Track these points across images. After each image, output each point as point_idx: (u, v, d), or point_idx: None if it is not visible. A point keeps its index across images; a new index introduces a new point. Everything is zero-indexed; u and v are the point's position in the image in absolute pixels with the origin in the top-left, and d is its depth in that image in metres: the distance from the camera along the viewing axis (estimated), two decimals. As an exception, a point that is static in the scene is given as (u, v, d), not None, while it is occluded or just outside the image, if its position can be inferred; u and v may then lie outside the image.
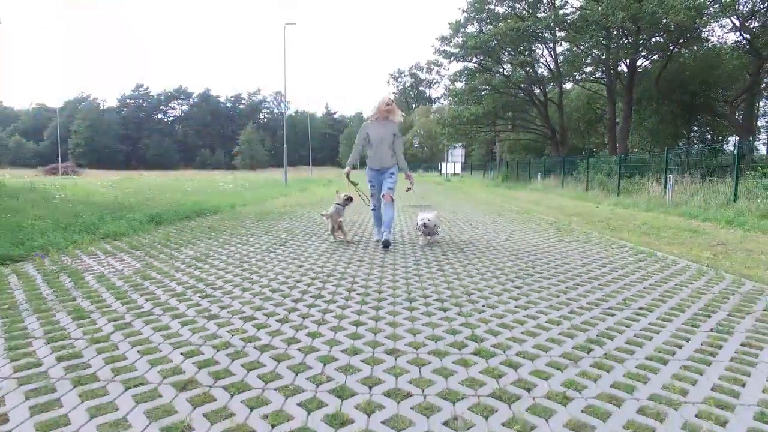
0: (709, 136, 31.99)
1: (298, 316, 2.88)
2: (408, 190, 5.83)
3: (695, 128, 31.75)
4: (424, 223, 5.26)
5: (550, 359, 2.27)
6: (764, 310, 3.08)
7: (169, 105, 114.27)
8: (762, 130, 42.32)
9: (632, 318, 2.91)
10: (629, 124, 26.31)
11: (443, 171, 40.79)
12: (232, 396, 1.86)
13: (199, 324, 2.70)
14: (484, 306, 3.12)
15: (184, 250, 4.98)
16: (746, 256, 5.10)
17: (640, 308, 3.11)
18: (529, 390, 1.95)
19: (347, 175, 5.74)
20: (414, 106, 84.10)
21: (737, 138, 12.53)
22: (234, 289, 3.44)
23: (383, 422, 1.68)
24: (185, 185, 16.09)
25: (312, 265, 4.32)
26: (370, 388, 1.94)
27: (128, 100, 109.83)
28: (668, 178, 11.76)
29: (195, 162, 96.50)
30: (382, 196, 5.45)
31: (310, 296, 3.31)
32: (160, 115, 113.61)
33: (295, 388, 1.94)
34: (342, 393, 1.89)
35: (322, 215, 5.97)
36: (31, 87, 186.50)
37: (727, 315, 2.98)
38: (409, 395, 1.88)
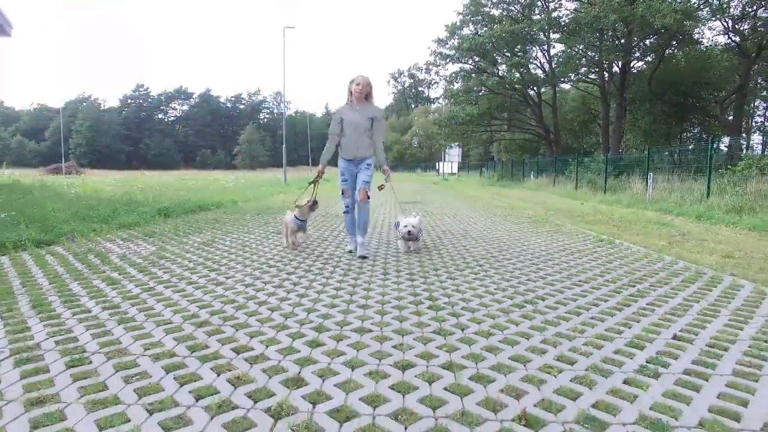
0: (704, 136, 32.53)
1: (290, 284, 3.48)
2: (381, 187, 4.91)
3: (688, 128, 32.36)
4: (409, 231, 4.64)
5: (488, 311, 2.87)
6: (675, 276, 3.68)
7: (170, 105, 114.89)
8: (758, 130, 42.87)
9: (568, 287, 3.51)
10: (621, 124, 26.89)
11: (440, 170, 41.43)
12: (237, 330, 2.47)
13: (208, 288, 3.31)
14: (446, 278, 3.73)
15: (192, 237, 5.59)
16: (695, 245, 5.69)
17: (579, 280, 3.71)
18: (463, 329, 2.55)
19: (319, 175, 4.88)
20: (413, 106, 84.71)
21: (711, 138, 13.10)
22: (237, 265, 4.05)
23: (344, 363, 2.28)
24: (188, 183, 16.69)
25: (305, 249, 4.92)
26: (338, 341, 2.55)
27: (129, 101, 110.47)
28: (649, 177, 12.36)
29: (195, 162, 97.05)
30: (356, 191, 4.61)
31: (302, 270, 3.91)
32: (160, 115, 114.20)
33: (283, 325, 2.55)
34: (319, 329, 2.50)
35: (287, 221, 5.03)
36: (32, 87, 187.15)
37: (649, 285, 3.58)
38: (366, 345, 2.48)
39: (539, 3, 27.25)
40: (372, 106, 4.69)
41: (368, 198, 4.65)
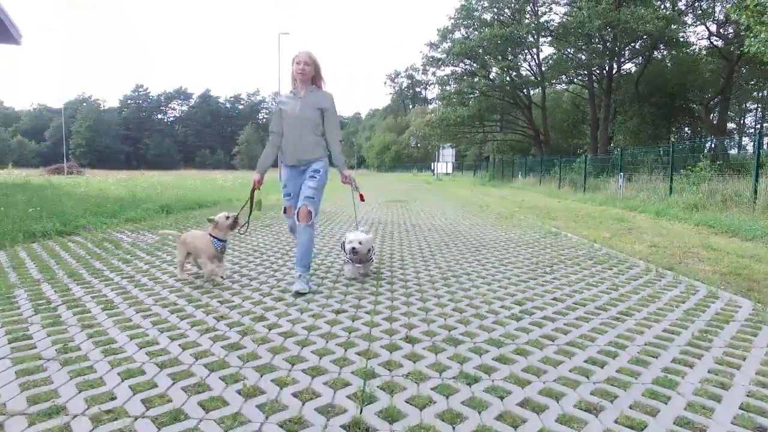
0: (693, 137, 33.39)
1: (283, 256, 4.28)
2: (360, 197, 3.92)
3: (675, 129, 33.22)
4: (353, 248, 3.60)
5: (430, 277, 3.68)
6: (590, 259, 4.49)
7: (169, 105, 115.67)
8: (746, 131, 43.68)
9: (495, 266, 4.31)
10: (608, 125, 27.70)
11: (435, 171, 42.31)
12: (243, 286, 3.27)
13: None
14: (400, 260, 4.53)
15: (190, 229, 6.39)
16: (634, 237, 6.48)
17: (508, 262, 4.51)
18: (409, 295, 3.35)
19: (254, 187, 3.72)
20: (411, 106, 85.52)
21: (671, 141, 13.90)
22: (233, 246, 4.86)
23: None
24: (187, 183, 17.48)
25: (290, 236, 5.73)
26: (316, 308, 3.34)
27: (129, 101, 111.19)
28: (619, 176, 13.18)
29: (195, 162, 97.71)
30: (296, 214, 3.46)
31: (289, 248, 4.72)
32: (160, 116, 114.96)
33: (280, 286, 3.35)
34: (284, 291, 3.30)
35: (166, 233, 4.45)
36: (32, 88, 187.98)
37: (563, 266, 4.38)
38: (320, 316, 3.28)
39: (528, 7, 28.10)
40: (320, 92, 3.53)
41: (311, 219, 3.40)
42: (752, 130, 46.53)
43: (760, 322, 2.76)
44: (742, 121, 50.28)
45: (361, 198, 3.93)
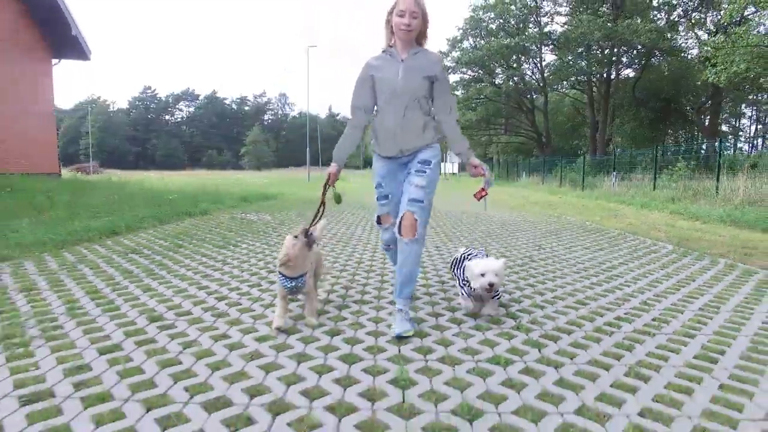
0: (689, 139, 35.32)
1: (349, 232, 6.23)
2: (481, 196, 2.67)
3: (671, 132, 35.18)
4: (491, 284, 2.52)
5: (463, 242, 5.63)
6: (583, 232, 6.47)
7: (177, 106, 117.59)
8: (739, 134, 45.50)
9: (511, 232, 6.27)
10: (606, 128, 29.65)
11: (443, 170, 44.50)
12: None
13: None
14: (438, 236, 6.49)
15: (284, 212, 8.35)
16: (618, 220, 8.42)
17: (518, 230, 6.46)
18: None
19: (327, 181, 2.70)
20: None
21: (656, 145, 15.87)
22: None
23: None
24: (218, 181, 19.39)
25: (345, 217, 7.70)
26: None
27: (137, 102, 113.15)
28: (612, 175, 15.16)
29: (202, 162, 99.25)
30: (398, 223, 2.45)
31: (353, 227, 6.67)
32: (167, 117, 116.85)
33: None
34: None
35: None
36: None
37: (559, 233, 6.35)
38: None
39: (532, 18, 30.13)
40: (427, 53, 2.50)
41: (416, 232, 2.40)
42: (741, 133, 48.36)
43: (674, 254, 4.73)
44: (738, 124, 52.25)
45: (479, 196, 2.68)
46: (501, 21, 29.64)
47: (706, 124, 30.63)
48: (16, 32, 12.43)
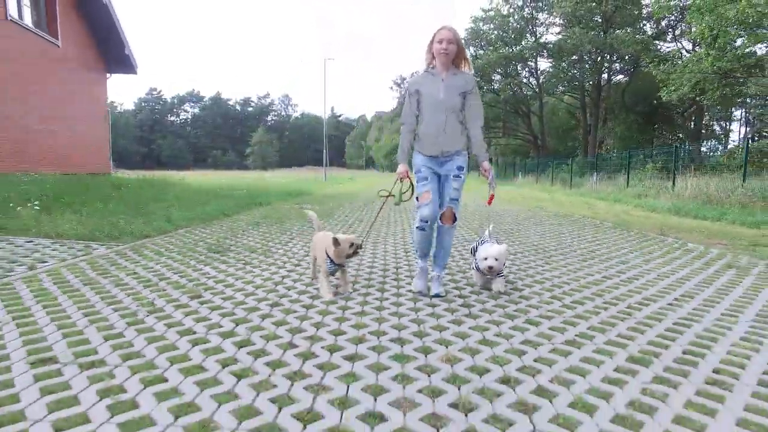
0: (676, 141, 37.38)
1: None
2: (490, 198, 3.36)
3: (658, 135, 37.34)
4: (490, 267, 3.18)
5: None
6: (564, 220, 8.65)
7: (182, 108, 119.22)
8: (711, 136, 47.44)
9: (501, 223, 8.44)
10: (596, 131, 31.82)
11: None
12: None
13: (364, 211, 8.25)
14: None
15: (317, 206, 10.51)
16: (590, 210, 10.60)
17: (505, 221, 8.64)
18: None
19: (400, 180, 3.26)
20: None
21: (629, 149, 18.09)
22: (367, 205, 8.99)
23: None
24: (238, 181, 21.41)
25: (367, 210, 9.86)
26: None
27: (143, 104, 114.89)
28: (593, 175, 17.37)
29: (207, 163, 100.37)
30: (440, 214, 3.20)
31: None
32: (173, 118, 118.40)
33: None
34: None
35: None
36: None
37: (539, 221, 8.53)
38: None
39: (529, 28, 32.33)
40: (464, 75, 3.18)
41: (455, 220, 3.22)
42: (731, 134, 50.38)
43: (614, 230, 6.90)
44: (728, 126, 54.36)
45: (490, 200, 3.34)
46: (500, 32, 31.81)
47: (691, 127, 32.79)
48: (84, 52, 14.60)
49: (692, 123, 33.71)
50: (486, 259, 3.19)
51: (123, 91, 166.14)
